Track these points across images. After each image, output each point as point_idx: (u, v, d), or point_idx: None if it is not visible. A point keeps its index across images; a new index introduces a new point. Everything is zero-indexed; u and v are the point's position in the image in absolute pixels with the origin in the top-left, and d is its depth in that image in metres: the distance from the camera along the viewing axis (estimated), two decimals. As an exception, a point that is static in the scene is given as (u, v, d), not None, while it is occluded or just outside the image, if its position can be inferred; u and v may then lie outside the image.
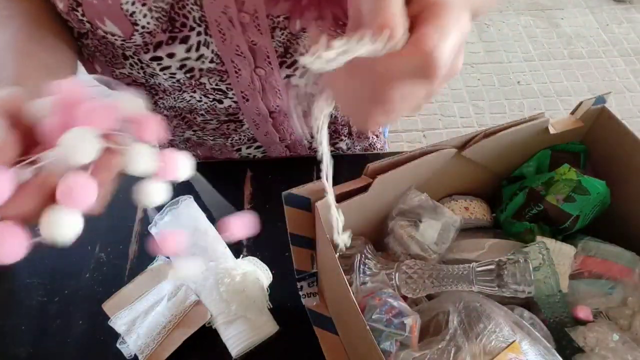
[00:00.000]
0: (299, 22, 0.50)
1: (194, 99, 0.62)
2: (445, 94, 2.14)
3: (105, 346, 0.60)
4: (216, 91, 0.60)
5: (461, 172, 0.58)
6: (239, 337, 0.57)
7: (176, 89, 0.60)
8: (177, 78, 0.56)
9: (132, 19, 0.45)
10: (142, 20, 0.46)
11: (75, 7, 0.44)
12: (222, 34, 0.50)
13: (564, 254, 0.54)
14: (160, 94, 0.62)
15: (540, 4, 2.55)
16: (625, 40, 2.36)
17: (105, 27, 0.45)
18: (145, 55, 0.51)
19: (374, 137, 0.79)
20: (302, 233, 0.52)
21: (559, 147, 0.60)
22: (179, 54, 0.52)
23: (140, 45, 0.49)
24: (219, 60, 0.54)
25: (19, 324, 0.62)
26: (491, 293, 0.48)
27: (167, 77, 0.56)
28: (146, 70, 0.55)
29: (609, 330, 0.50)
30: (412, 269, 0.51)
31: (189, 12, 0.47)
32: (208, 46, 0.52)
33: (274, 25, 0.50)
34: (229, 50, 0.53)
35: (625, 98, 2.12)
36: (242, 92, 0.60)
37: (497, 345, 0.43)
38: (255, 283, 0.60)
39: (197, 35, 0.50)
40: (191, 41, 0.50)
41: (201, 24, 0.49)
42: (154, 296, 0.62)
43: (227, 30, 0.50)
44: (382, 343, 0.44)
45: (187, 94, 0.61)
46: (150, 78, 0.58)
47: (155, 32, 0.48)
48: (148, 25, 0.46)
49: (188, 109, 0.66)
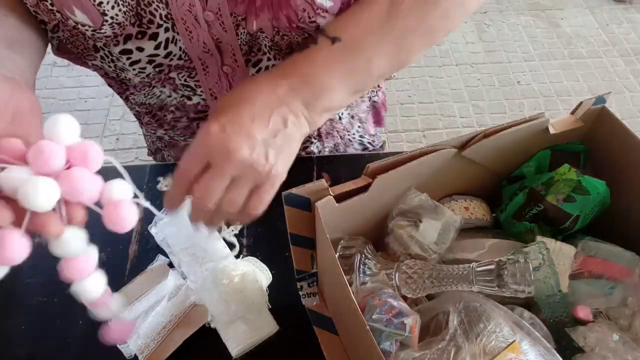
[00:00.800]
0: (255, 23, 0.51)
1: (164, 94, 0.63)
2: (445, 94, 2.14)
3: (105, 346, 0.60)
4: (185, 87, 0.61)
5: (461, 172, 0.58)
6: (238, 337, 0.57)
7: (146, 85, 0.61)
8: (147, 73, 0.57)
9: (100, 8, 0.46)
10: (110, 11, 0.46)
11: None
12: (189, 31, 0.51)
13: (564, 254, 0.54)
14: (130, 89, 0.64)
15: (540, 4, 2.55)
16: (625, 40, 2.36)
17: (75, 17, 0.46)
18: (115, 48, 0.52)
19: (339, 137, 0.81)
20: (302, 233, 0.52)
21: (559, 147, 0.60)
22: (148, 49, 0.52)
23: (110, 36, 0.49)
24: (187, 57, 0.55)
25: (19, 324, 0.62)
26: (491, 293, 0.48)
27: (136, 72, 0.57)
28: (117, 63, 0.56)
29: (609, 330, 0.50)
30: (412, 269, 0.51)
31: (155, 9, 0.48)
32: (176, 43, 0.52)
33: (237, 23, 0.51)
34: (196, 47, 0.53)
35: (625, 98, 2.12)
36: (210, 89, 0.61)
37: (497, 345, 0.43)
38: (255, 283, 0.60)
39: (165, 32, 0.51)
40: (160, 38, 0.51)
41: (168, 21, 0.50)
42: (154, 296, 0.62)
43: (193, 28, 0.50)
44: (382, 343, 0.44)
45: (156, 89, 0.62)
46: (121, 72, 0.59)
47: (124, 24, 0.48)
48: (117, 17, 0.47)
49: (158, 105, 0.67)
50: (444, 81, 2.20)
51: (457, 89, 2.16)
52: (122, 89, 0.64)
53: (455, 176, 0.58)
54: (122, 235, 0.68)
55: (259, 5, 0.49)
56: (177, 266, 0.64)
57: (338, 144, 0.82)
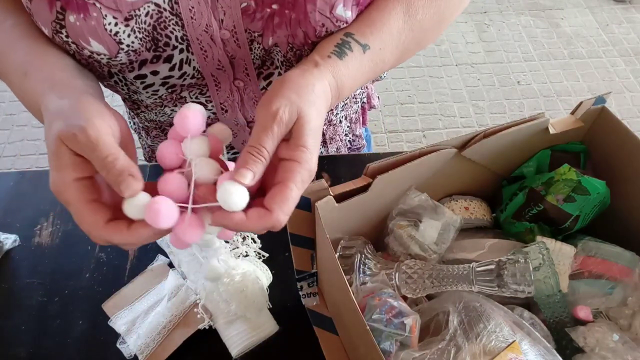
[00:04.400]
0: (272, 39, 0.51)
1: (174, 112, 0.63)
2: (445, 94, 2.14)
3: (105, 346, 0.60)
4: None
5: (461, 172, 0.58)
6: (239, 337, 0.57)
7: (157, 105, 0.61)
8: (160, 94, 0.57)
9: (116, 38, 0.45)
10: (126, 39, 0.46)
11: (59, 29, 0.44)
12: (204, 51, 0.51)
13: (564, 254, 0.54)
14: (142, 109, 0.64)
15: (540, 4, 2.55)
16: (625, 40, 2.37)
17: (91, 47, 0.45)
18: (130, 74, 0.52)
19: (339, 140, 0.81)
20: (302, 233, 0.52)
21: (559, 147, 0.60)
22: (163, 72, 0.52)
23: (126, 63, 0.49)
24: (199, 76, 0.55)
25: (19, 324, 0.62)
26: (491, 293, 0.48)
27: (149, 95, 0.57)
28: (130, 87, 0.56)
29: (609, 330, 0.50)
30: (412, 269, 0.51)
31: (171, 32, 0.48)
32: (190, 63, 0.52)
33: (252, 39, 0.51)
34: (210, 65, 0.53)
35: (625, 98, 2.13)
36: (221, 103, 0.61)
37: (497, 345, 0.43)
38: (255, 283, 0.60)
39: (179, 53, 0.50)
40: (174, 60, 0.51)
41: (183, 42, 0.49)
42: (154, 296, 0.62)
43: (208, 47, 0.50)
44: (382, 343, 0.44)
45: (168, 108, 0.62)
46: (134, 94, 0.59)
47: (140, 50, 0.48)
48: (133, 45, 0.47)
49: (168, 122, 0.67)
50: (444, 81, 2.20)
51: (457, 89, 2.16)
52: (134, 107, 0.64)
53: (455, 176, 0.58)
54: (122, 235, 0.69)
55: (276, 23, 0.49)
56: (177, 266, 0.65)
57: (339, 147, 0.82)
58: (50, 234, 0.69)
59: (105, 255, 0.67)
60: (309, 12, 0.47)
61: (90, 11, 0.43)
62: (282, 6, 0.47)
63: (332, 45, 0.47)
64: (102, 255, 0.67)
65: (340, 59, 0.45)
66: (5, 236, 0.68)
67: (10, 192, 0.74)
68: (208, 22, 0.48)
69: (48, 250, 0.68)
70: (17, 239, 0.68)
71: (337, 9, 0.47)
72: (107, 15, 0.44)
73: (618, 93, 2.13)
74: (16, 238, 0.68)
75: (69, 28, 0.44)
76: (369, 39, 0.47)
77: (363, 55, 0.47)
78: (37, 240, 0.69)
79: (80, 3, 0.43)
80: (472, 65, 2.25)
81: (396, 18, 0.48)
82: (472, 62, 2.27)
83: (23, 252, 0.68)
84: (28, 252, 0.68)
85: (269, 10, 0.48)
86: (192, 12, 0.47)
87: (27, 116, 2.03)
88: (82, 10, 0.43)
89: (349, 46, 0.47)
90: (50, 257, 0.68)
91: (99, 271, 0.66)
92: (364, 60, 0.47)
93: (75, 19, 0.43)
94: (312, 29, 0.48)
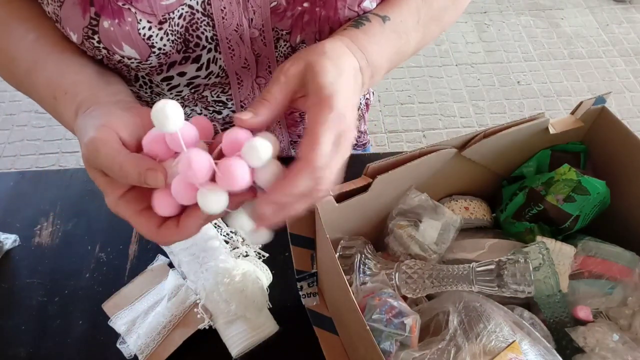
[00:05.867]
0: (300, 37, 0.51)
1: (194, 112, 0.63)
2: (445, 94, 2.14)
3: (105, 346, 0.60)
4: (217, 103, 0.61)
5: (461, 172, 0.58)
6: (239, 337, 0.57)
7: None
8: (182, 95, 0.57)
9: (149, 42, 0.45)
10: (158, 42, 0.45)
11: (91, 35, 0.43)
12: (232, 50, 0.51)
13: (564, 254, 0.54)
14: None
15: (540, 4, 2.55)
16: (625, 40, 2.37)
17: (122, 52, 0.45)
18: (157, 77, 0.52)
19: None
20: (302, 233, 0.52)
21: (559, 147, 0.60)
22: (190, 72, 0.52)
23: (155, 66, 0.49)
24: (224, 74, 0.55)
25: (19, 324, 0.62)
26: (491, 293, 0.48)
27: (173, 96, 0.57)
28: (154, 90, 0.56)
29: (609, 330, 0.50)
30: (412, 269, 0.51)
31: (202, 33, 0.47)
32: (216, 62, 0.52)
33: (278, 37, 0.51)
34: (236, 64, 0.53)
35: (625, 98, 2.13)
36: (242, 101, 0.61)
37: (497, 345, 0.43)
38: (255, 283, 0.60)
39: (207, 53, 0.50)
40: (202, 60, 0.51)
41: (212, 42, 0.49)
42: (154, 296, 0.62)
43: (236, 46, 0.50)
44: (382, 343, 0.44)
45: (188, 108, 0.62)
46: (156, 97, 0.58)
47: (171, 52, 0.48)
48: (165, 47, 0.46)
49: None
50: (444, 81, 2.20)
51: (457, 89, 2.16)
52: None
53: (455, 176, 0.58)
54: (122, 235, 0.69)
55: (306, 21, 0.49)
56: (177, 266, 0.65)
57: None
58: (50, 234, 0.69)
59: (105, 255, 0.67)
60: (339, 8, 0.48)
61: (125, 16, 0.42)
62: (313, 4, 0.47)
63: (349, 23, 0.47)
64: (102, 255, 0.67)
65: (357, 28, 0.45)
66: (5, 236, 0.68)
67: (10, 192, 0.74)
68: (239, 21, 0.48)
69: (48, 250, 0.68)
70: (17, 239, 0.68)
71: (364, 3, 0.48)
72: (142, 20, 0.43)
73: (618, 93, 2.13)
74: (16, 238, 0.68)
75: (102, 34, 0.43)
76: (387, 12, 0.47)
77: (383, 24, 0.46)
78: (37, 240, 0.69)
79: (115, 9, 0.42)
80: (472, 65, 2.25)
81: None
82: (472, 62, 2.27)
83: (23, 252, 0.68)
84: (28, 252, 0.68)
85: (299, 9, 0.48)
86: (224, 12, 0.47)
87: (27, 116, 2.03)
88: (117, 16, 0.42)
89: (366, 18, 0.47)
90: (50, 257, 0.68)
91: (99, 271, 0.66)
92: (386, 30, 0.46)
93: (110, 24, 0.43)
94: (339, 24, 0.49)
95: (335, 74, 0.38)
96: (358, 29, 0.45)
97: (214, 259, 0.62)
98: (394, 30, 0.47)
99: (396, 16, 0.47)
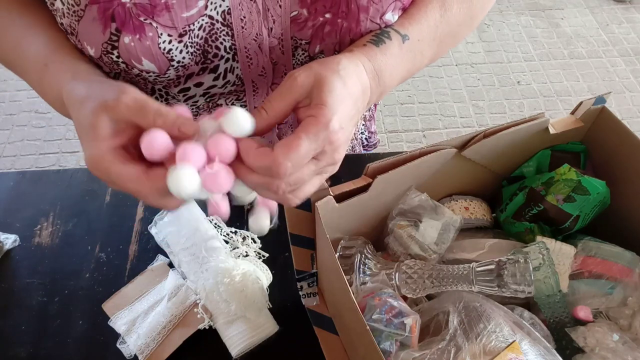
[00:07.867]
0: (319, 47, 0.51)
1: None
2: (445, 94, 2.14)
3: (105, 346, 0.60)
4: None
5: (461, 172, 0.58)
6: (239, 337, 0.57)
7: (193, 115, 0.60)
8: (198, 104, 0.57)
9: (168, 55, 0.45)
10: (178, 55, 0.45)
11: (111, 50, 0.43)
12: (249, 59, 0.50)
13: (564, 254, 0.54)
14: None
15: (540, 4, 2.55)
16: (625, 40, 2.37)
17: (142, 66, 0.45)
18: (174, 89, 0.52)
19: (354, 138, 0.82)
20: (302, 233, 0.52)
21: (559, 147, 0.60)
22: (207, 82, 0.52)
23: (173, 79, 0.49)
24: (240, 82, 0.54)
25: (19, 324, 0.62)
26: (491, 293, 0.48)
27: (189, 106, 0.57)
28: (170, 102, 0.55)
29: (609, 330, 0.50)
30: (412, 269, 0.51)
31: (220, 43, 0.47)
32: (233, 72, 0.52)
33: (296, 45, 0.51)
34: (253, 72, 0.53)
35: (625, 98, 2.13)
36: (256, 107, 0.60)
37: (497, 345, 0.43)
38: (255, 283, 0.60)
39: (224, 63, 0.50)
40: (220, 69, 0.50)
41: (230, 52, 0.49)
42: (154, 296, 0.62)
43: (254, 55, 0.50)
44: (382, 343, 0.44)
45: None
46: None
47: (189, 65, 0.47)
48: (183, 60, 0.46)
49: None
50: (444, 81, 2.20)
51: (457, 89, 2.16)
52: None
53: (455, 176, 0.58)
54: (122, 235, 0.69)
55: (327, 31, 0.49)
56: (177, 266, 0.65)
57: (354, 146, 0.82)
58: (50, 234, 0.69)
59: (105, 255, 0.67)
60: (362, 20, 0.47)
61: (146, 31, 0.42)
62: (335, 15, 0.47)
63: (369, 36, 0.47)
64: (102, 255, 0.67)
65: (376, 46, 0.45)
66: (5, 236, 0.68)
67: (10, 192, 0.74)
68: (258, 31, 0.47)
69: (48, 250, 0.68)
70: (17, 239, 0.68)
71: (386, 15, 0.47)
72: (162, 34, 0.43)
73: (618, 93, 2.13)
74: (16, 238, 0.68)
75: (121, 49, 0.43)
76: (407, 30, 0.47)
77: (402, 45, 0.47)
78: (37, 240, 0.69)
79: (137, 24, 0.42)
80: (472, 65, 2.25)
81: (433, 12, 0.49)
82: (472, 62, 2.27)
83: (23, 252, 0.68)
84: (28, 252, 0.68)
85: (321, 19, 0.48)
86: (244, 22, 0.46)
87: (27, 116, 2.03)
88: (138, 32, 0.42)
89: (387, 35, 0.47)
90: (50, 257, 0.68)
91: (99, 271, 0.66)
92: (404, 50, 0.47)
93: (130, 39, 0.42)
94: (360, 36, 0.48)
95: (341, 97, 0.38)
96: (378, 48, 0.45)
97: (214, 259, 0.62)
98: (410, 50, 0.47)
99: (415, 35, 0.47)
